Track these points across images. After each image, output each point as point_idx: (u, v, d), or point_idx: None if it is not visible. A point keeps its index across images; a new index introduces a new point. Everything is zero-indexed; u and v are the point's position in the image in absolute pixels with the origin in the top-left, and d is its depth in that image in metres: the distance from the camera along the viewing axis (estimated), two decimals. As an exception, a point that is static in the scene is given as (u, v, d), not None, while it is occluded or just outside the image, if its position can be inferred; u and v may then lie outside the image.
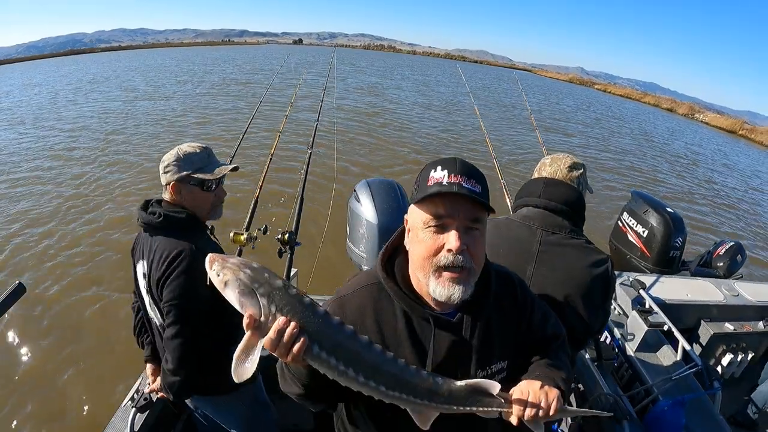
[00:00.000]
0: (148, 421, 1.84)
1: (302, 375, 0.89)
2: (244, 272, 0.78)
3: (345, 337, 0.82)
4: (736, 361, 2.89)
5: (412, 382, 0.85)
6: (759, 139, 29.66)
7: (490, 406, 0.90)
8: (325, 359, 0.79)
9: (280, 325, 0.75)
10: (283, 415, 2.34)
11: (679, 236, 3.59)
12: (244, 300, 0.77)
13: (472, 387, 0.88)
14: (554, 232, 1.39)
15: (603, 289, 1.41)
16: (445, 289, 0.89)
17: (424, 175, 0.92)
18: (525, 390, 0.89)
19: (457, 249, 0.86)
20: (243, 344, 0.77)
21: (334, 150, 9.58)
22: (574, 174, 1.50)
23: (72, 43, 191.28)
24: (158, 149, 9.27)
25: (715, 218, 9.44)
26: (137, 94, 17.67)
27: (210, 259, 0.82)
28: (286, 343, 0.76)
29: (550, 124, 17.96)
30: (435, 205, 0.88)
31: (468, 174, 0.89)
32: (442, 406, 0.88)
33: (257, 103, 4.46)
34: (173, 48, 73.33)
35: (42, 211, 6.37)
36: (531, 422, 0.88)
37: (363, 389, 0.83)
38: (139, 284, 1.64)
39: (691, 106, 42.43)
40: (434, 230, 0.88)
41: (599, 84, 68.59)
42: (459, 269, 0.88)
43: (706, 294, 2.99)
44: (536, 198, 1.44)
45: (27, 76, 26.42)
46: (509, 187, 3.13)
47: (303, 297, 0.80)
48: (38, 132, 11.26)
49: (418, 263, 0.92)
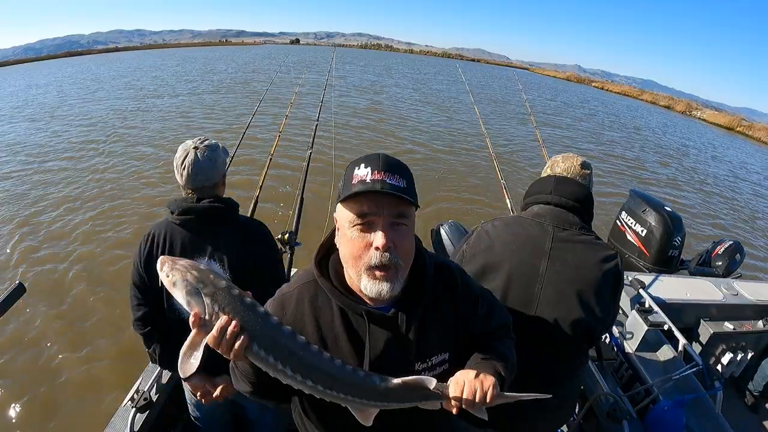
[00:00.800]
0: (148, 421, 1.86)
1: (249, 373, 0.94)
2: (191, 273, 0.83)
3: (282, 336, 0.85)
4: (736, 360, 2.89)
5: (348, 381, 0.88)
6: (756, 136, 29.74)
7: (429, 398, 0.92)
8: (264, 357, 0.83)
9: (222, 323, 0.79)
10: (283, 415, 2.35)
11: (678, 235, 3.59)
12: (191, 299, 0.82)
13: (408, 384, 0.90)
14: (565, 228, 1.42)
15: (613, 284, 1.43)
16: (375, 286, 0.90)
17: (348, 173, 0.93)
18: (460, 380, 0.91)
19: (383, 246, 0.86)
20: (189, 341, 0.82)
21: (334, 150, 9.61)
22: (585, 172, 1.53)
23: (69, 44, 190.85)
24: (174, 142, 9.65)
25: (704, 207, 9.84)
26: (146, 92, 18.19)
27: (161, 260, 0.87)
28: (228, 340, 0.79)
29: (543, 118, 18.24)
30: (359, 204, 0.88)
31: (391, 170, 0.89)
32: (380, 403, 0.90)
33: (257, 103, 4.45)
34: (171, 49, 73.18)
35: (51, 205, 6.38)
36: (471, 409, 0.91)
37: (302, 388, 0.87)
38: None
39: (688, 103, 42.47)
40: (360, 228, 0.89)
41: (597, 82, 68.64)
42: (386, 267, 0.89)
43: (705, 293, 2.99)
44: (547, 195, 1.46)
45: (30, 77, 26.68)
46: (509, 187, 3.13)
47: (245, 297, 0.84)
48: (54, 126, 11.79)
49: (349, 262, 0.93)
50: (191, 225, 1.54)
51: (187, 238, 1.55)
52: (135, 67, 30.91)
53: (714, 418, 2.05)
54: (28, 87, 21.40)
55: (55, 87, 20.90)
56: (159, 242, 1.57)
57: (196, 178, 1.54)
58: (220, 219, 1.57)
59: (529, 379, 1.41)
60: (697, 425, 2.01)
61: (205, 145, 1.57)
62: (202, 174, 1.55)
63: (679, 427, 1.93)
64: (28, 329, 4.09)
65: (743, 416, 2.95)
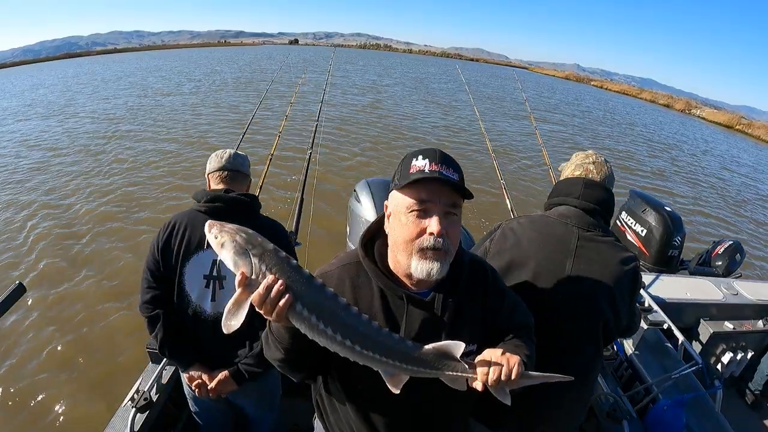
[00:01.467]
0: (148, 421, 1.86)
1: (284, 338, 0.95)
2: (240, 236, 0.86)
3: (326, 297, 0.87)
4: (736, 359, 2.89)
5: (385, 343, 0.91)
6: (756, 134, 29.62)
7: (456, 370, 0.95)
8: (306, 317, 0.85)
9: (269, 281, 0.82)
10: (283, 415, 2.34)
11: (678, 235, 3.59)
12: (238, 259, 0.84)
13: (439, 350, 0.94)
14: (589, 230, 1.45)
15: (633, 285, 1.48)
16: (425, 265, 0.95)
17: (406, 163, 0.99)
18: (487, 356, 0.94)
19: (438, 232, 0.93)
20: (234, 299, 0.84)
21: (335, 150, 9.61)
22: (610, 176, 1.57)
23: (68, 46, 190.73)
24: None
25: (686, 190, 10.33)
26: (156, 91, 18.75)
27: (209, 224, 0.90)
28: (273, 299, 0.82)
29: (540, 115, 18.42)
30: (417, 191, 0.95)
31: (447, 163, 0.96)
32: (411, 368, 0.93)
33: (257, 103, 4.46)
34: (170, 50, 73.18)
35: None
36: (495, 388, 0.92)
37: (339, 348, 0.89)
38: (198, 274, 1.60)
39: (688, 102, 42.43)
40: (417, 215, 0.95)
41: (596, 81, 68.64)
42: (437, 250, 0.95)
43: (705, 293, 2.99)
44: (575, 199, 1.49)
45: (34, 78, 27.09)
46: (509, 187, 3.13)
47: (291, 260, 0.87)
48: (68, 123, 12.32)
49: (401, 245, 0.98)
50: (217, 213, 1.57)
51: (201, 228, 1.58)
52: (140, 67, 31.43)
53: (714, 417, 2.05)
54: (35, 87, 21.87)
55: (61, 86, 21.42)
56: (179, 230, 1.60)
57: (235, 160, 1.75)
58: (245, 212, 1.64)
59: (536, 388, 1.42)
60: (697, 424, 2.01)
61: (235, 151, 1.82)
62: (239, 159, 1.78)
63: (679, 426, 1.93)
64: (29, 328, 4.10)
65: (743, 415, 2.95)
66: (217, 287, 1.60)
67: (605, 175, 1.53)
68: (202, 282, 1.60)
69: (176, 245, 1.60)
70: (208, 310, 1.61)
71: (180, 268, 1.60)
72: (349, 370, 1.03)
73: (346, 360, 0.98)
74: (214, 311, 1.61)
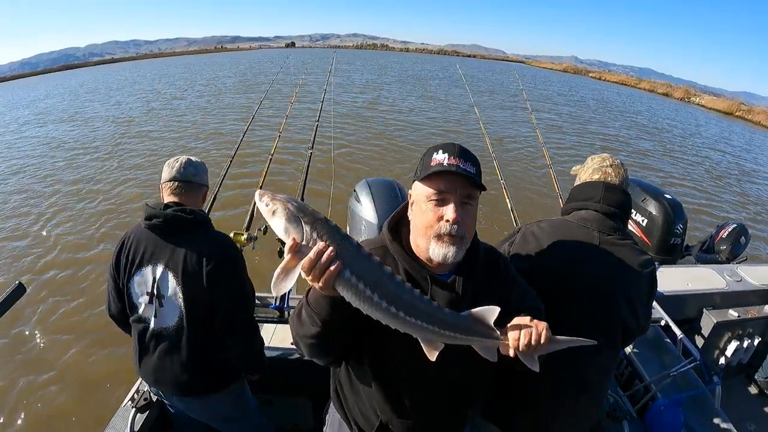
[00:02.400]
0: (148, 421, 1.86)
1: (324, 308, 0.97)
2: (291, 204, 0.89)
3: (373, 265, 0.91)
4: (743, 347, 2.85)
5: (427, 310, 0.95)
6: (756, 120, 29.45)
7: (489, 337, 0.99)
8: (354, 283, 0.87)
9: (320, 248, 0.84)
10: (283, 415, 2.34)
11: (680, 223, 3.54)
12: (290, 226, 0.87)
13: (474, 316, 0.98)
14: (609, 233, 1.47)
15: (650, 287, 1.50)
16: (442, 249, 1.03)
17: (427, 157, 1.08)
18: (516, 322, 0.99)
19: (454, 219, 1.01)
20: (283, 265, 0.86)
21: (333, 149, 9.60)
22: (627, 178, 1.58)
23: (65, 57, 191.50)
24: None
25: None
26: (167, 94, 19.65)
27: (260, 193, 0.92)
28: (323, 264, 0.83)
29: (537, 105, 18.83)
30: (437, 182, 1.03)
31: (465, 157, 1.04)
32: (449, 333, 0.97)
33: (257, 103, 4.46)
34: (167, 57, 73.37)
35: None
36: (525, 354, 0.98)
37: (383, 315, 0.91)
38: (142, 291, 1.59)
39: (687, 90, 42.30)
40: (435, 203, 1.04)
41: (594, 72, 68.47)
42: (453, 237, 1.03)
43: (707, 282, 2.95)
44: (596, 203, 1.50)
45: (41, 88, 27.86)
46: (508, 188, 3.11)
47: (340, 229, 0.90)
48: (88, 126, 13.23)
49: (421, 231, 1.07)
50: (157, 230, 1.55)
51: (151, 243, 1.56)
52: (142, 75, 32.24)
53: (713, 414, 2.04)
54: (44, 97, 22.53)
55: (70, 95, 22.19)
56: (128, 245, 1.60)
57: (186, 170, 1.63)
58: (184, 229, 1.56)
59: (559, 378, 1.41)
60: (697, 422, 2.01)
61: (191, 158, 1.70)
62: (191, 169, 1.65)
63: (679, 424, 1.92)
64: (28, 328, 4.13)
65: (749, 404, 2.92)
66: (157, 305, 1.58)
67: (623, 178, 1.55)
68: (146, 298, 1.59)
69: (125, 260, 1.60)
70: (153, 326, 1.61)
71: (127, 283, 1.61)
72: (384, 349, 1.11)
73: (381, 338, 1.06)
74: (157, 326, 1.60)
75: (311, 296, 1.00)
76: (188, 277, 1.52)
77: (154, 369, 1.66)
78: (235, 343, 1.64)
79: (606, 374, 1.57)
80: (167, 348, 1.62)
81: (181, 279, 1.52)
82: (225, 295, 1.56)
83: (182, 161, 1.65)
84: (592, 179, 1.56)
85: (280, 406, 2.30)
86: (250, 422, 1.92)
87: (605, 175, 1.54)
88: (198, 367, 1.63)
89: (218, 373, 1.69)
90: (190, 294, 1.53)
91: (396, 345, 1.05)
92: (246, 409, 1.89)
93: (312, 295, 0.99)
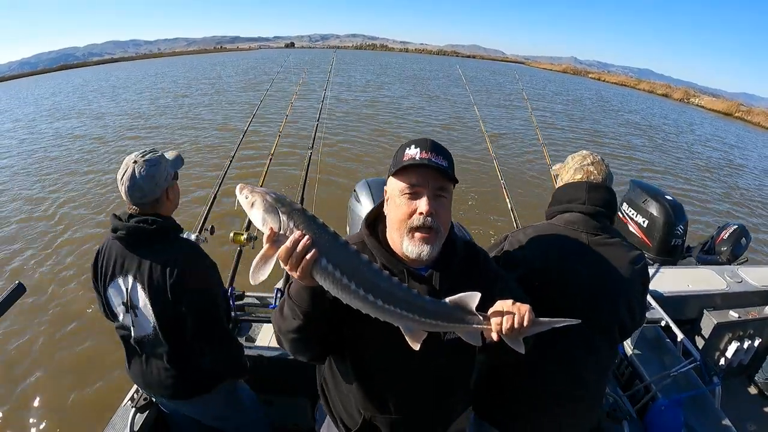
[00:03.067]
0: (148, 421, 1.86)
1: (304, 299, 0.97)
2: (270, 195, 0.91)
3: (349, 254, 0.91)
4: (743, 348, 2.85)
5: (405, 298, 0.94)
6: (756, 121, 29.45)
7: (471, 323, 0.98)
8: (331, 272, 0.88)
9: (296, 236, 0.85)
10: (284, 415, 2.33)
11: (680, 224, 3.55)
12: (267, 216, 0.88)
13: (456, 302, 0.97)
14: (597, 233, 1.45)
15: (643, 283, 1.50)
16: (416, 247, 1.05)
17: (400, 152, 1.09)
18: (499, 306, 0.98)
19: (427, 212, 1.02)
20: (261, 254, 0.87)
21: (335, 150, 9.60)
22: (610, 174, 1.56)
23: (65, 57, 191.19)
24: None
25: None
26: (176, 93, 19.95)
27: (240, 186, 0.94)
28: (299, 252, 0.84)
29: (537, 105, 19.20)
30: (409, 176, 1.04)
31: (437, 151, 1.05)
32: (431, 321, 0.96)
33: (257, 103, 4.45)
34: (168, 57, 73.37)
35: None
36: (510, 337, 0.96)
37: (362, 304, 0.91)
38: (119, 301, 1.59)
39: (686, 91, 42.32)
40: (408, 197, 1.04)
41: (593, 73, 68.53)
42: (428, 230, 1.03)
43: (708, 283, 2.95)
44: (581, 204, 1.48)
45: (47, 86, 28.05)
46: (508, 188, 3.11)
47: (317, 219, 0.91)
48: (100, 121, 13.78)
49: (395, 225, 1.08)
50: (123, 241, 1.53)
51: (121, 254, 1.54)
52: (146, 74, 32.32)
53: (713, 414, 2.04)
54: (49, 95, 22.85)
55: (77, 93, 22.59)
56: (103, 256, 1.59)
57: (134, 194, 1.49)
58: (148, 239, 1.52)
59: (557, 378, 1.41)
60: (697, 422, 2.01)
61: (144, 159, 1.49)
62: (139, 191, 1.48)
63: (679, 424, 1.93)
64: (28, 328, 4.12)
65: (749, 405, 2.92)
66: (133, 315, 1.57)
67: (606, 174, 1.52)
68: (123, 308, 1.58)
69: (100, 270, 1.59)
70: (133, 334, 1.61)
71: (105, 293, 1.61)
72: (360, 338, 1.11)
73: (356, 328, 1.07)
74: (137, 335, 1.60)
75: (292, 289, 1.00)
76: (154, 290, 1.50)
77: (142, 373, 1.68)
78: (208, 350, 1.62)
79: (604, 373, 1.56)
80: (149, 354, 1.64)
81: (149, 291, 1.50)
82: (190, 306, 1.53)
83: (131, 170, 1.47)
84: (574, 179, 1.53)
85: (280, 406, 2.29)
86: (244, 419, 1.91)
87: (587, 174, 1.51)
88: (180, 372, 1.64)
89: (201, 377, 1.68)
90: (159, 306, 1.51)
91: (374, 335, 1.06)
92: (239, 406, 1.88)
93: (293, 288, 1.00)
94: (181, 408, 1.78)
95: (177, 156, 1.65)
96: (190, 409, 1.79)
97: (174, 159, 1.63)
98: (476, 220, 6.68)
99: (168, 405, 1.80)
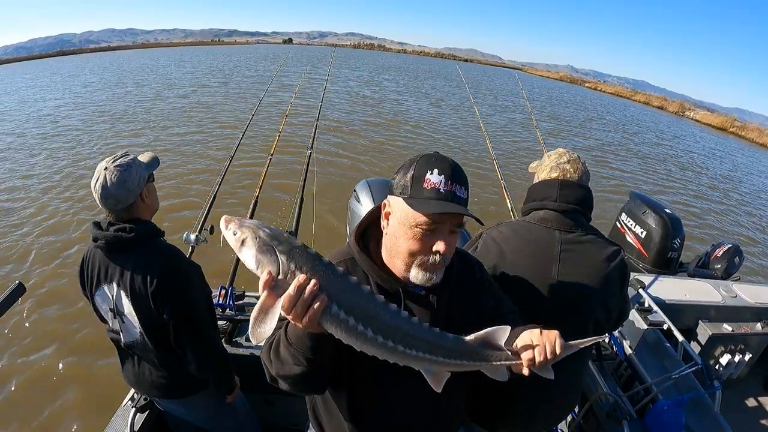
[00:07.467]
0: (148, 421, 1.86)
1: (307, 347, 0.85)
2: (263, 230, 0.76)
3: (363, 296, 0.80)
4: (734, 362, 2.90)
5: (429, 339, 0.85)
6: (750, 137, 29.77)
7: (499, 360, 0.91)
8: (344, 319, 0.77)
9: (301, 281, 0.72)
10: (284, 415, 2.33)
11: (678, 237, 3.62)
12: (262, 257, 0.74)
13: (482, 339, 0.89)
14: (571, 231, 1.45)
15: (621, 277, 1.48)
16: (425, 275, 0.96)
17: (418, 173, 0.95)
18: (527, 338, 0.92)
19: (444, 251, 0.94)
20: (260, 305, 0.74)
21: (335, 150, 9.58)
22: (585, 171, 1.55)
23: (61, 43, 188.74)
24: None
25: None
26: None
27: (225, 219, 0.79)
28: (306, 300, 0.73)
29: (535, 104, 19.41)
30: (428, 208, 0.91)
31: (459, 180, 0.95)
32: (455, 362, 0.89)
33: (257, 103, 4.44)
34: (164, 48, 72.72)
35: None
36: (540, 368, 0.91)
37: (379, 351, 0.81)
38: (106, 308, 1.58)
39: (681, 104, 42.72)
40: (424, 232, 0.93)
41: (589, 82, 68.98)
42: (440, 263, 0.96)
43: (704, 295, 3.00)
44: (553, 201, 1.47)
45: (57, 70, 28.06)
46: (508, 188, 3.14)
47: (323, 257, 0.78)
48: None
49: (403, 254, 0.97)
50: (104, 250, 1.51)
51: (104, 262, 1.53)
52: (173, 63, 32.81)
53: (713, 417, 2.05)
54: (71, 76, 23.22)
55: (98, 76, 23.03)
56: (87, 263, 1.58)
57: (106, 201, 1.46)
58: (128, 247, 1.49)
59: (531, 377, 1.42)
60: (697, 424, 2.02)
61: (115, 165, 1.46)
62: (112, 198, 1.46)
63: (679, 426, 1.94)
64: (28, 328, 4.07)
65: (742, 416, 2.96)
66: (120, 321, 1.57)
67: (582, 172, 1.51)
68: (111, 314, 1.58)
69: (87, 277, 1.59)
70: (123, 339, 1.62)
71: (92, 299, 1.61)
72: (360, 379, 1.05)
73: (356, 367, 1.00)
74: (126, 340, 1.61)
75: (291, 333, 0.87)
76: (137, 298, 1.49)
77: (134, 374, 1.69)
78: (191, 358, 1.59)
79: (580, 362, 1.56)
80: (140, 357, 1.66)
81: (132, 299, 1.49)
82: (171, 314, 1.51)
83: (100, 180, 1.44)
84: (550, 177, 1.53)
85: (280, 406, 2.30)
86: (236, 420, 1.90)
87: (563, 173, 1.50)
88: (170, 375, 1.65)
89: (191, 380, 1.68)
90: (143, 313, 1.51)
91: (370, 367, 0.94)
92: (229, 409, 1.87)
93: (292, 333, 0.87)
94: (175, 408, 1.79)
95: (152, 158, 1.61)
96: (184, 410, 1.79)
97: (148, 161, 1.58)
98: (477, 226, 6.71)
99: (163, 405, 1.82)
